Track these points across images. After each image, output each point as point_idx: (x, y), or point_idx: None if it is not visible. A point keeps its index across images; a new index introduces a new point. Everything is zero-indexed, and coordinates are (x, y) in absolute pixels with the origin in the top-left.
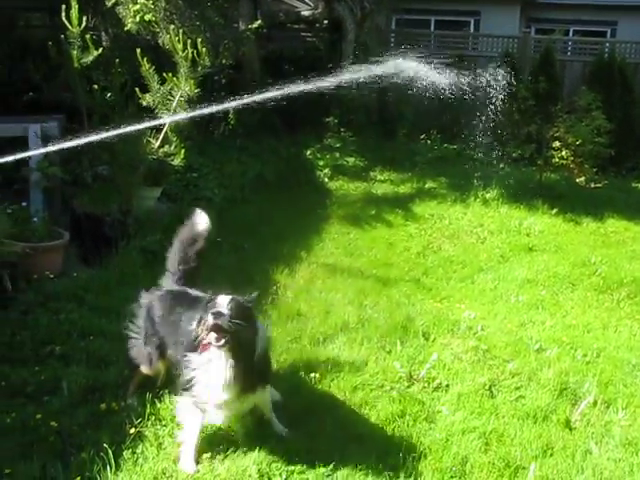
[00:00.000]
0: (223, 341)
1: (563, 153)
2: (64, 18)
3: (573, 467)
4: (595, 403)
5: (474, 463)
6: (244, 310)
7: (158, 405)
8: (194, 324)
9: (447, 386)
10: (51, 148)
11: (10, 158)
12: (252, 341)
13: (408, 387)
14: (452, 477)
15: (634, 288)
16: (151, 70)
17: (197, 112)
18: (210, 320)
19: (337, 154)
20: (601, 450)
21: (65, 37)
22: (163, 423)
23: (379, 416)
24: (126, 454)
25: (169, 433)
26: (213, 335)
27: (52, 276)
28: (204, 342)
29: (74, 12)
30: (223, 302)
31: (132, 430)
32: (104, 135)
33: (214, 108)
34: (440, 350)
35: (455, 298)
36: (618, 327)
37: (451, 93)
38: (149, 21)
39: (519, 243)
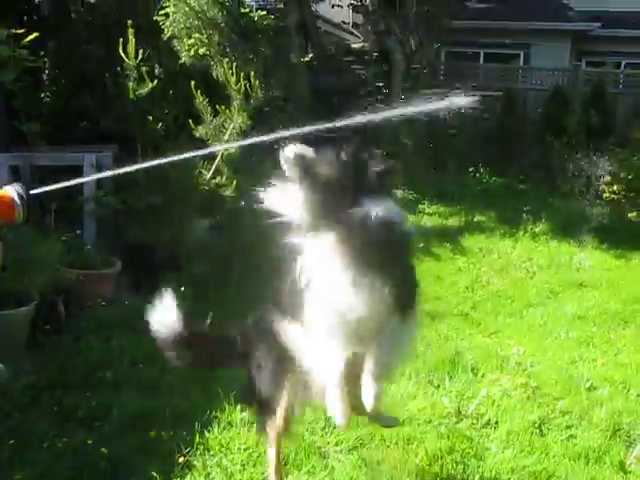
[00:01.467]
0: None
1: (615, 187)
2: (121, 51)
3: None
4: None
5: None
6: None
7: (207, 434)
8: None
9: (496, 423)
10: None
11: None
12: None
13: (456, 423)
14: None
15: None
16: (205, 102)
17: None
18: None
19: None
20: None
21: (122, 69)
22: (211, 453)
23: (427, 451)
24: None
25: (217, 463)
26: None
27: (104, 303)
28: None
29: (131, 45)
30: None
31: (181, 459)
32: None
33: None
34: (489, 386)
35: (504, 333)
36: None
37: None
38: (203, 54)
39: (569, 278)
